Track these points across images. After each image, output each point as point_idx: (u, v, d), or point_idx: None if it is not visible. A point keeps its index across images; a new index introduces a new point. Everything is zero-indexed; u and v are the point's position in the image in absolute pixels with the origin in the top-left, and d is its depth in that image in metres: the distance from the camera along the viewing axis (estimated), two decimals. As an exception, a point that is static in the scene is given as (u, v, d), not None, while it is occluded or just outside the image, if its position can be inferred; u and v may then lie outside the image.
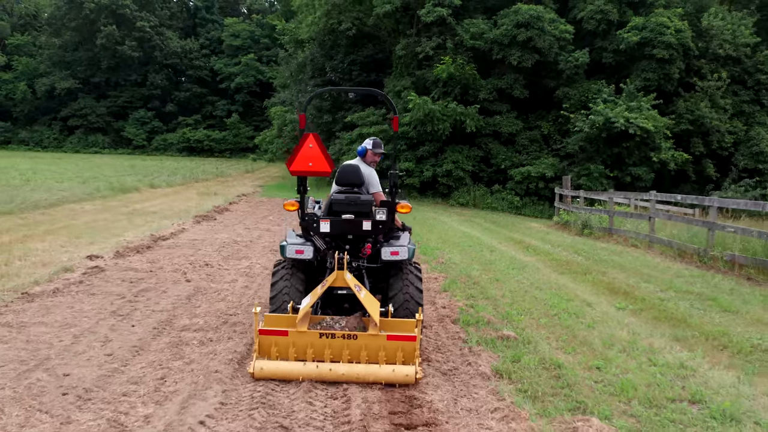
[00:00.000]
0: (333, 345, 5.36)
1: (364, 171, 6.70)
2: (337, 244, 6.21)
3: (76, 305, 7.73)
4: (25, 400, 4.80)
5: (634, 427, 4.57)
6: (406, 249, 6.13)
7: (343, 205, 6.18)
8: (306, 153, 5.94)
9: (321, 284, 5.73)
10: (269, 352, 5.39)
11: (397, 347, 5.34)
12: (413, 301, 6.05)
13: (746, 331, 7.29)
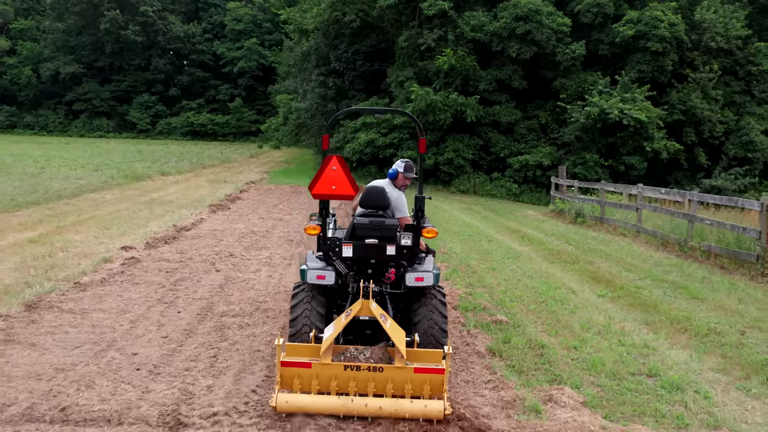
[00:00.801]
0: (358, 377, 5.10)
1: (391, 194, 6.50)
2: (359, 269, 6.03)
3: (125, 294, 8.87)
4: (108, 374, 5.93)
5: (598, 395, 5.71)
6: (431, 275, 5.86)
7: (366, 230, 5.95)
8: (329, 176, 5.72)
9: (345, 313, 5.41)
10: (291, 384, 5.13)
11: (425, 380, 5.08)
12: (438, 328, 5.81)
13: (707, 316, 8.42)
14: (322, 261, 6.01)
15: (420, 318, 5.82)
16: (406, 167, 6.85)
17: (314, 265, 5.90)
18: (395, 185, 6.82)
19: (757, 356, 6.77)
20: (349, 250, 5.86)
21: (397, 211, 6.46)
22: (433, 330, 5.77)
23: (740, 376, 6.27)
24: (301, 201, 22.38)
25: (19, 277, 9.56)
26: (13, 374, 5.88)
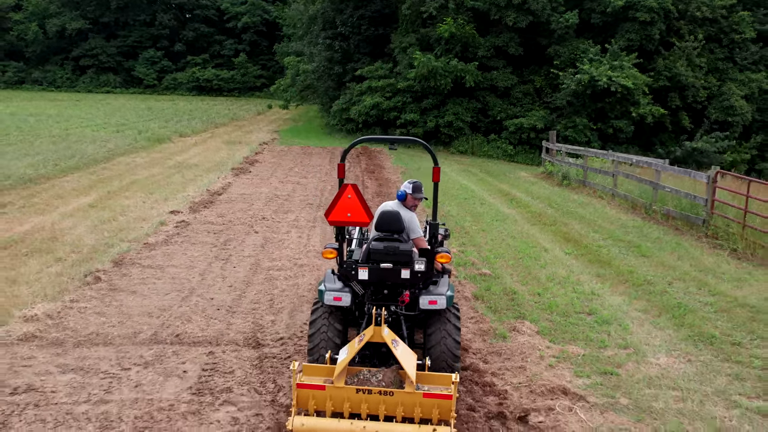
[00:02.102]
0: (369, 400, 5.32)
1: (404, 216, 6.50)
2: (375, 290, 6.20)
3: (187, 252, 11.15)
4: (198, 312, 8.23)
5: (549, 327, 8.01)
6: (444, 298, 6.01)
7: (381, 255, 6.09)
8: (345, 203, 5.90)
9: (359, 338, 5.62)
10: (307, 405, 5.38)
11: (433, 404, 5.26)
12: (450, 354, 5.99)
13: (647, 270, 10.70)
14: (339, 280, 6.23)
15: (433, 343, 6.02)
16: (414, 188, 6.91)
17: (332, 286, 6.14)
18: (405, 206, 6.86)
19: (672, 301, 9.07)
20: (365, 273, 6.05)
21: (411, 232, 6.52)
22: (446, 356, 5.97)
23: (655, 314, 8.57)
24: (312, 163, 24.50)
25: (98, 238, 11.82)
26: (131, 313, 8.19)
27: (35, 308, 8.16)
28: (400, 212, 6.48)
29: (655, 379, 6.64)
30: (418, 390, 5.33)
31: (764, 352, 7.35)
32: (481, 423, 5.70)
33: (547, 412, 5.88)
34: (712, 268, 10.87)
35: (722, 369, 6.91)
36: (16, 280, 9.27)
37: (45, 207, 14.40)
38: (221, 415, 5.76)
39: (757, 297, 9.27)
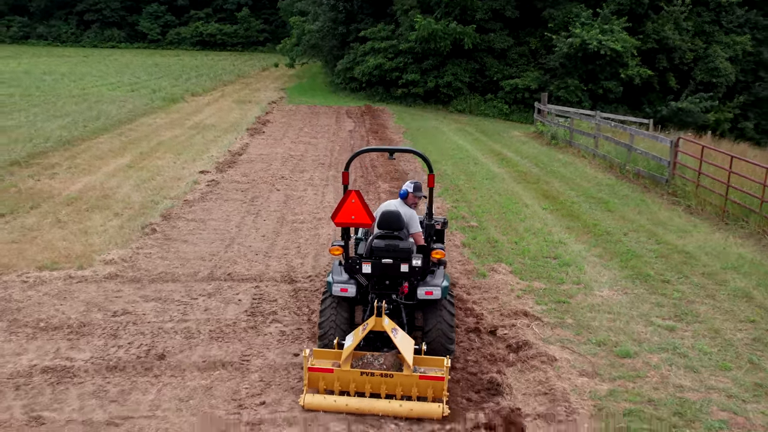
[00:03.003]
0: (372, 381, 6.08)
1: (404, 213, 7.19)
2: (377, 282, 6.82)
3: (222, 207, 13.17)
4: (240, 257, 10.29)
5: (520, 267, 10.07)
6: (440, 289, 6.62)
7: (383, 251, 6.72)
8: (349, 207, 6.52)
9: (362, 327, 6.32)
10: (317, 385, 6.15)
11: (428, 385, 6.00)
12: (445, 338, 6.68)
13: (609, 223, 12.72)
14: (345, 273, 6.87)
15: (430, 328, 6.72)
16: (415, 188, 7.59)
17: (339, 278, 6.80)
18: (406, 203, 7.50)
19: (623, 248, 11.11)
20: (368, 267, 6.73)
21: (411, 227, 7.22)
22: (441, 340, 6.69)
23: (607, 258, 10.63)
24: (320, 123, 26.34)
25: (144, 196, 13.82)
26: (187, 257, 10.26)
27: (111, 254, 10.23)
28: (401, 210, 7.22)
29: (596, 306, 8.73)
30: (415, 372, 6.10)
31: (685, 287, 9.43)
32: (462, 335, 7.78)
33: (511, 327, 7.98)
34: (665, 222, 12.90)
35: (649, 299, 8.99)
36: (87, 232, 11.31)
37: (88, 168, 16.36)
38: (272, 329, 7.86)
39: (694, 245, 11.32)
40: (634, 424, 6.04)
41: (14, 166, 15.93)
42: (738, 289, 9.34)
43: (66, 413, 6.07)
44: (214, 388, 6.51)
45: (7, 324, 7.85)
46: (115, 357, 7.11)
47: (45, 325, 7.84)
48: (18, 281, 9.18)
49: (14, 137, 19.31)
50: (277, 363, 7.03)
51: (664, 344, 7.65)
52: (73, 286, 9.06)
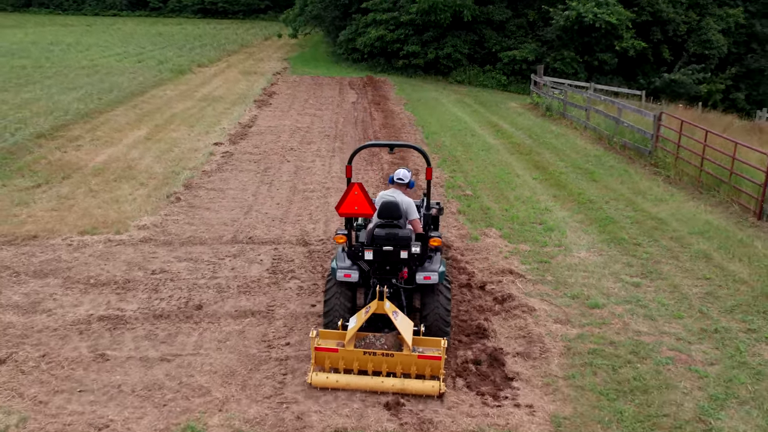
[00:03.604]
0: (374, 360, 6.52)
1: (402, 201, 7.58)
2: (379, 268, 7.18)
3: (238, 177, 14.32)
4: (259, 222, 11.49)
5: (509, 232, 11.27)
6: (437, 274, 7.05)
7: (383, 240, 7.06)
8: (352, 199, 6.93)
9: (365, 310, 6.79)
10: (323, 363, 6.59)
11: (426, 364, 6.44)
12: (442, 321, 7.10)
13: (593, 192, 13.89)
14: (348, 259, 7.27)
15: (428, 311, 7.15)
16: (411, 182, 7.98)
17: (342, 265, 7.21)
18: (403, 191, 7.88)
19: (603, 215, 12.30)
20: (370, 254, 7.09)
21: (409, 214, 7.63)
22: (438, 323, 7.11)
23: (587, 224, 11.83)
24: (324, 95, 27.33)
25: (165, 167, 14.96)
26: (211, 223, 11.46)
27: (143, 220, 11.44)
28: (399, 198, 7.60)
29: (574, 265, 9.95)
30: (414, 352, 6.52)
31: (653, 249, 10.65)
32: (456, 290, 9.00)
33: (498, 283, 9.21)
34: (644, 191, 14.07)
35: (620, 260, 10.22)
36: (118, 200, 12.49)
37: (109, 140, 17.48)
38: (291, 284, 9.09)
39: (667, 213, 12.51)
40: (596, 360, 7.29)
41: (40, 138, 17.02)
42: (700, 251, 10.56)
43: (125, 352, 7.33)
44: (246, 332, 7.77)
45: (62, 281, 9.08)
46: (159, 308, 8.35)
47: (94, 282, 9.07)
48: (63, 244, 10.38)
49: (35, 110, 20.36)
50: (297, 312, 8.27)
51: (629, 297, 8.89)
52: (113, 248, 10.27)
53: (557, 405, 6.47)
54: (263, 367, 7.02)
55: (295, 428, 5.97)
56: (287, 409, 6.28)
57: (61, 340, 7.52)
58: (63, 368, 6.96)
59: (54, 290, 8.78)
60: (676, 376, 7.01)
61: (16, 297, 8.56)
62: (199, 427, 6.00)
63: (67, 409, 6.28)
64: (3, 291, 8.71)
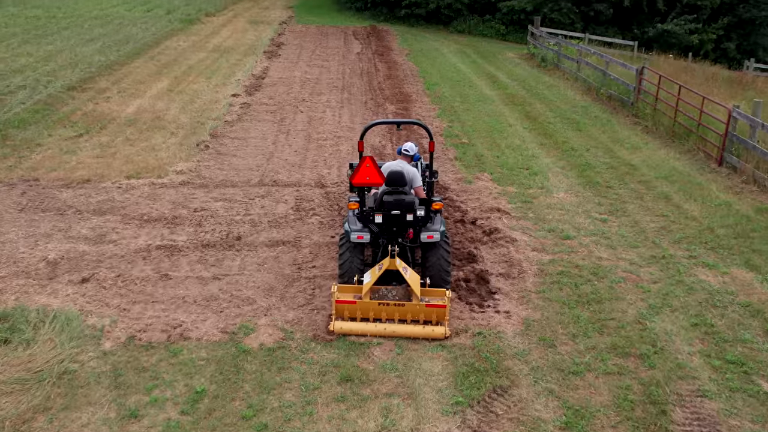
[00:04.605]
0: (387, 310, 7.50)
1: (407, 171, 8.38)
2: (387, 230, 8.00)
3: (258, 127, 15.90)
4: (281, 167, 13.14)
5: (499, 176, 12.93)
6: (438, 233, 7.94)
7: (391, 205, 7.85)
8: (364, 170, 7.75)
9: (378, 266, 7.71)
10: (343, 314, 7.55)
11: (433, 312, 7.40)
12: (444, 272, 8.06)
13: (576, 140, 15.48)
14: (359, 222, 8.12)
15: (431, 265, 8.07)
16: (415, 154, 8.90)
17: (355, 227, 8.06)
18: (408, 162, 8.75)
19: (583, 161, 13.94)
20: (380, 218, 7.94)
21: (414, 182, 8.43)
22: (440, 275, 8.07)
23: (568, 169, 13.48)
24: (330, 45, 28.58)
25: (190, 117, 16.51)
26: (239, 168, 13.12)
27: (179, 166, 13.09)
28: (405, 168, 8.38)
29: (553, 205, 11.65)
30: (422, 302, 7.43)
31: (622, 191, 12.34)
32: (451, 224, 10.71)
33: (487, 219, 10.93)
34: (623, 140, 15.66)
35: (593, 200, 11.92)
36: (154, 148, 14.11)
37: (135, 91, 18.97)
38: (313, 220, 10.82)
39: (640, 159, 14.16)
40: (563, 279, 9.07)
41: (71, 90, 18.52)
42: (662, 192, 12.26)
43: (183, 272, 9.10)
44: (280, 258, 9.53)
45: (120, 217, 10.80)
46: (205, 239, 10.09)
47: (147, 218, 10.79)
48: (113, 187, 12.07)
49: (60, 63, 21.78)
50: (320, 242, 10.02)
51: (596, 231, 10.63)
52: (157, 190, 11.96)
53: (529, 311, 8.27)
54: (296, 284, 8.80)
55: (326, 325, 7.77)
56: (317, 314, 8.07)
57: (129, 264, 9.29)
58: (136, 285, 8.74)
59: (114, 225, 10.51)
60: (625, 291, 8.80)
61: (84, 231, 10.29)
62: (251, 326, 7.81)
63: (146, 314, 8.07)
64: (72, 226, 10.44)
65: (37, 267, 9.11)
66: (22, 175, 12.40)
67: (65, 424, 6.23)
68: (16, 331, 7.56)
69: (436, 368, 7.09)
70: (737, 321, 8.14)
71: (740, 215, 11.26)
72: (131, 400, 6.54)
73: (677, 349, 7.52)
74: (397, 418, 6.35)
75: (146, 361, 7.16)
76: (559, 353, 7.42)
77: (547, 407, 6.56)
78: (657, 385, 6.88)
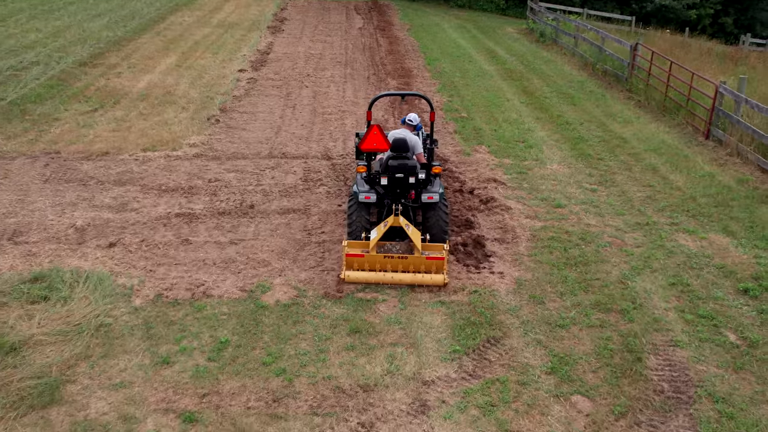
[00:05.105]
0: (392, 262, 8.38)
1: (410, 139, 9.16)
2: (392, 191, 8.80)
3: (266, 102, 16.54)
4: (289, 140, 13.82)
5: (496, 149, 13.62)
6: (437, 194, 8.80)
7: (395, 169, 8.63)
8: (372, 137, 8.67)
9: (384, 223, 8.56)
10: (352, 266, 8.43)
11: (432, 263, 8.34)
12: (441, 230, 8.91)
13: (571, 115, 16.13)
14: (367, 184, 9.03)
15: (431, 223, 8.95)
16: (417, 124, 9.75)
17: (363, 189, 8.92)
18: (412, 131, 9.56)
19: (576, 134, 14.61)
20: (385, 180, 8.75)
21: (416, 150, 9.25)
22: (439, 231, 8.94)
23: (562, 142, 14.16)
24: (333, 21, 29.03)
25: (199, 92, 17.13)
26: (249, 141, 13.80)
27: (192, 139, 13.77)
28: (408, 137, 9.19)
29: (546, 175, 12.36)
30: (422, 255, 8.37)
31: (612, 163, 13.03)
32: (450, 194, 11.43)
33: (484, 189, 11.64)
34: (616, 114, 16.31)
35: (584, 171, 12.62)
36: (167, 122, 14.77)
37: (144, 67, 19.55)
38: (321, 189, 11.53)
39: (631, 133, 14.83)
40: (553, 243, 9.81)
41: (83, 66, 19.10)
42: (650, 164, 12.96)
43: (202, 237, 9.84)
44: (291, 224, 10.27)
45: (140, 187, 11.51)
46: (221, 207, 10.82)
47: (165, 188, 11.51)
48: (131, 159, 12.76)
49: (69, 38, 22.30)
50: (328, 210, 10.75)
51: (586, 200, 11.35)
52: (172, 162, 12.66)
53: (521, 272, 9.02)
54: (307, 248, 9.55)
55: (335, 284, 8.54)
56: (327, 274, 8.83)
57: (151, 230, 10.02)
58: (159, 249, 9.49)
59: (135, 195, 11.23)
60: (610, 255, 9.55)
61: (107, 200, 11.01)
62: (267, 285, 8.57)
63: (170, 275, 8.83)
64: (96, 196, 11.16)
65: (66, 233, 9.84)
66: (44, 148, 13.07)
67: (105, 369, 7.00)
68: (54, 289, 8.32)
69: (435, 321, 7.87)
70: (711, 281, 8.90)
71: (722, 185, 11.97)
72: (162, 349, 7.32)
73: (654, 306, 8.29)
74: (401, 363, 7.14)
75: (174, 315, 7.92)
76: (548, 309, 8.19)
77: (535, 355, 7.35)
78: (634, 336, 7.65)
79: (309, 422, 6.33)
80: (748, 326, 7.93)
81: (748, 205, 11.18)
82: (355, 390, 6.76)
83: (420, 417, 6.42)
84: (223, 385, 6.79)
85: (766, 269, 9.15)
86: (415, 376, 6.97)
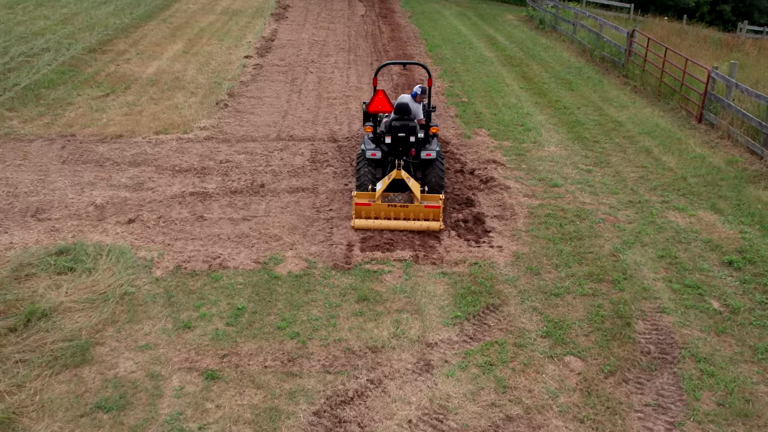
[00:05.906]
0: (395, 210, 9.62)
1: (413, 106, 10.45)
2: (395, 149, 10.08)
3: (272, 87, 17.02)
4: (296, 124, 14.32)
5: (495, 132, 14.11)
6: (435, 152, 10.08)
7: (398, 129, 9.91)
8: (378, 101, 10.17)
9: (387, 176, 9.82)
10: (360, 214, 9.65)
11: (430, 211, 9.58)
12: (438, 183, 10.14)
13: (569, 100, 16.61)
14: (373, 143, 10.34)
15: (429, 177, 10.18)
16: (422, 91, 10.70)
17: (369, 146, 10.29)
18: (416, 101, 10.71)
19: (573, 118, 15.10)
20: (389, 139, 10.04)
21: (417, 115, 10.55)
22: (436, 185, 10.19)
23: (559, 126, 14.65)
24: (335, 8, 29.41)
25: (207, 78, 17.60)
26: (257, 125, 14.29)
27: (202, 123, 14.26)
28: (411, 104, 10.49)
29: (544, 157, 12.86)
30: (421, 204, 9.64)
31: (607, 145, 13.53)
32: (451, 174, 11.93)
33: (484, 169, 12.15)
34: (612, 99, 16.79)
35: (580, 153, 13.12)
36: (177, 107, 15.25)
37: (152, 53, 19.99)
38: (327, 170, 12.04)
39: (626, 117, 15.31)
40: (550, 220, 10.33)
41: (92, 53, 19.54)
42: (644, 147, 13.46)
43: (216, 214, 10.36)
44: (300, 202, 10.78)
45: (154, 168, 12.02)
46: (232, 186, 11.33)
47: (179, 169, 12.01)
48: (144, 142, 13.25)
49: (77, 25, 22.70)
50: (335, 189, 11.27)
51: (581, 180, 11.86)
52: (184, 144, 13.16)
53: (519, 246, 9.55)
54: (316, 224, 10.07)
55: (344, 257, 9.07)
56: (336, 248, 9.37)
57: (167, 208, 10.54)
58: (176, 224, 10.01)
59: (150, 175, 11.74)
60: (603, 230, 10.07)
61: (123, 180, 11.52)
62: (279, 257, 9.10)
63: (188, 248, 9.35)
64: (113, 176, 11.67)
65: (86, 210, 10.36)
66: (60, 131, 13.56)
67: (131, 333, 7.54)
68: (79, 261, 8.84)
69: (438, 290, 8.41)
70: (698, 254, 9.43)
71: (712, 166, 12.49)
72: (183, 315, 7.86)
73: (644, 276, 8.83)
74: (406, 328, 7.68)
75: (192, 285, 8.46)
76: (543, 279, 8.73)
77: (531, 320, 7.89)
78: (624, 303, 8.19)
79: (322, 379, 6.88)
80: (731, 294, 8.47)
81: (736, 184, 11.69)
82: (364, 351, 7.30)
83: (424, 375, 6.97)
84: (242, 347, 7.33)
85: (750, 243, 9.68)
86: (419, 338, 7.52)
